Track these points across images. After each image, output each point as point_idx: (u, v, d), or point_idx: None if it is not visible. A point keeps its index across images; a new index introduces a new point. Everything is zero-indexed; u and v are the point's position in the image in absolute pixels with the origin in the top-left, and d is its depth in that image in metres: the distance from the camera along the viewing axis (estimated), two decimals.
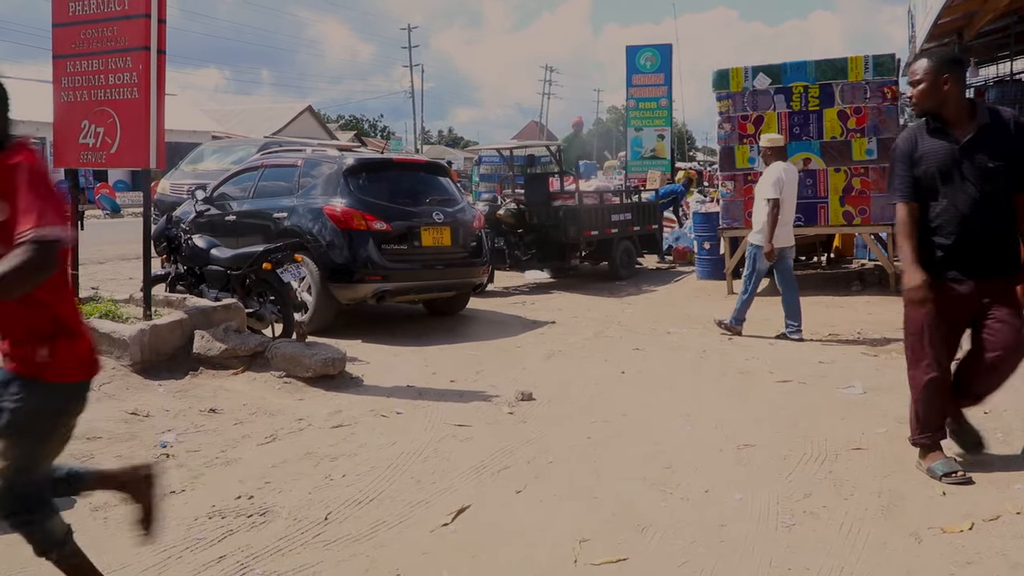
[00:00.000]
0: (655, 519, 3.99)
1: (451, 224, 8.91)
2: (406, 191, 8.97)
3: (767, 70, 11.00)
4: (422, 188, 9.16)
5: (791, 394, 6.22)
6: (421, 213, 8.76)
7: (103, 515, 4.13)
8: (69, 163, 7.43)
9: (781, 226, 8.11)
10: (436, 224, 8.77)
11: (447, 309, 9.78)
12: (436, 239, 8.76)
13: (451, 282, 9.08)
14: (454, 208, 9.11)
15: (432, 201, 8.99)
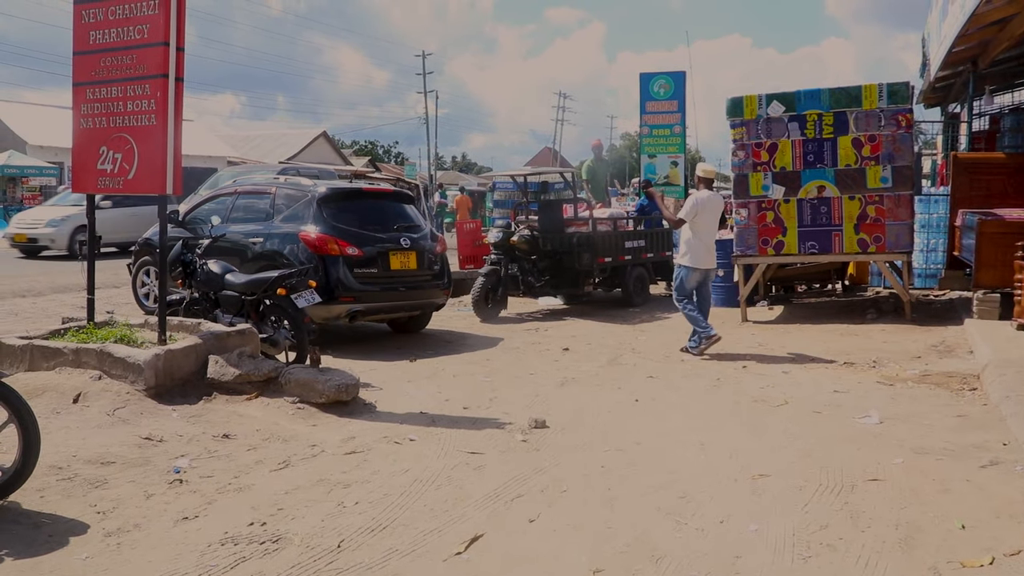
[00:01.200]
0: (670, 550, 3.96)
1: (416, 249, 9.53)
2: (375, 218, 9.56)
3: (781, 98, 11.01)
4: (390, 216, 9.76)
5: (806, 423, 6.17)
6: (389, 239, 9.37)
7: (116, 540, 4.12)
8: (87, 188, 7.50)
9: (707, 251, 8.93)
10: (403, 249, 9.40)
11: (410, 327, 10.39)
12: (403, 263, 9.39)
13: (417, 302, 9.76)
14: (419, 234, 9.73)
15: (399, 228, 9.59)
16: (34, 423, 4.44)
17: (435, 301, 9.97)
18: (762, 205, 11.10)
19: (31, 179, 28.54)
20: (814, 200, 10.89)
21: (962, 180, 11.60)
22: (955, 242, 11.42)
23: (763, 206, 11.10)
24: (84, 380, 6.53)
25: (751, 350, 9.15)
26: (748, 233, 11.20)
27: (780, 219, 11.02)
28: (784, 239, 11.05)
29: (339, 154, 49.07)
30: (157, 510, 4.52)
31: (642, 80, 18.73)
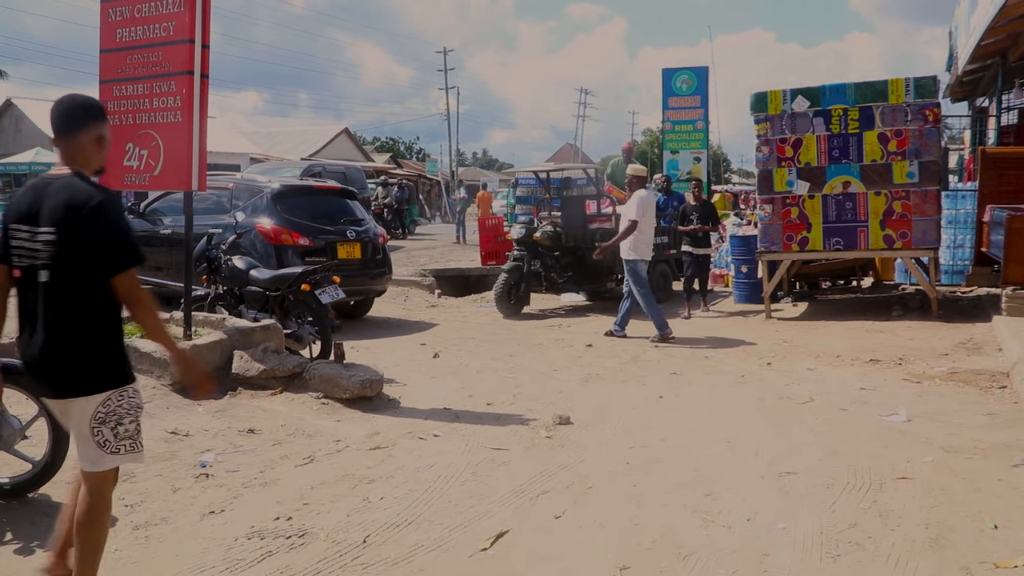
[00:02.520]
0: (697, 547, 3.93)
1: (361, 240, 10.43)
2: (324, 213, 10.47)
3: (806, 92, 10.91)
4: (337, 210, 10.68)
5: (833, 421, 6.12)
6: (336, 231, 10.27)
7: (144, 533, 4.15)
8: (113, 185, 7.53)
9: (644, 243, 9.78)
10: (349, 240, 10.31)
11: (354, 313, 11.07)
12: (349, 253, 10.25)
13: (361, 288, 10.54)
14: (363, 227, 10.66)
15: (345, 221, 10.52)
16: None
17: (376, 287, 10.89)
18: (786, 201, 11.02)
19: None
20: (839, 196, 10.79)
21: (990, 175, 11.44)
22: (983, 238, 11.27)
23: (787, 202, 11.01)
24: None
25: (775, 347, 9.08)
26: (772, 229, 11.12)
27: (805, 215, 10.94)
28: (809, 235, 10.96)
29: (361, 150, 49.20)
30: (184, 504, 4.55)
31: (664, 76, 18.68)
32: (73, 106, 3.26)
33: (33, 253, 3.11)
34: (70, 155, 3.21)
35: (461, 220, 25.21)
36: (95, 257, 3.07)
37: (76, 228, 3.05)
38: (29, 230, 3.11)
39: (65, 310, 3.10)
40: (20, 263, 3.15)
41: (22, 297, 3.18)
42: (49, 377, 3.15)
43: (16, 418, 4.52)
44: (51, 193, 3.11)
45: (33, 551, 3.92)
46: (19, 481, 4.51)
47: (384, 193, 26.29)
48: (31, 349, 3.14)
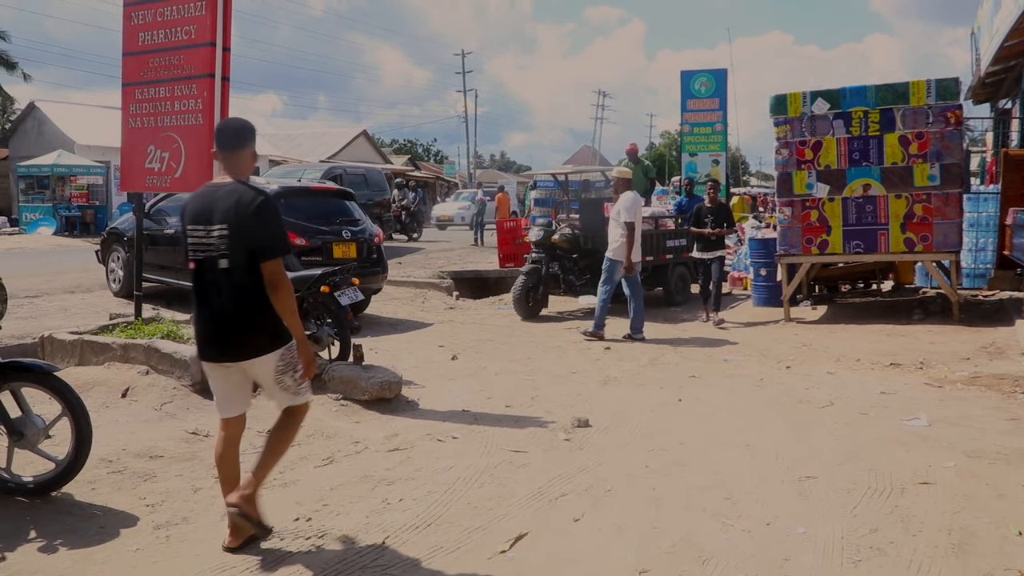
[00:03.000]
0: (716, 551, 3.92)
1: (356, 240, 10.69)
2: (321, 213, 10.75)
3: (826, 95, 10.86)
4: (334, 211, 10.97)
5: (853, 425, 6.08)
6: (332, 231, 10.53)
7: (165, 533, 4.18)
8: (135, 187, 7.62)
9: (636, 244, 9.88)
10: (345, 240, 10.56)
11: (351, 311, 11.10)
12: (344, 252, 10.46)
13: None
14: (359, 227, 10.92)
15: (341, 222, 10.80)
16: (86, 417, 4.52)
17: (372, 286, 10.93)
18: (806, 204, 10.97)
19: (79, 178, 28.97)
20: (859, 199, 10.73)
21: (1013, 177, 11.34)
22: (1005, 241, 11.16)
23: (807, 205, 10.96)
24: (132, 375, 6.64)
25: (794, 350, 9.04)
26: (792, 232, 11.07)
27: (824, 218, 10.88)
28: (828, 238, 10.90)
29: (379, 153, 49.32)
30: (204, 504, 4.58)
31: (683, 78, 18.64)
32: (236, 128, 4.03)
33: (209, 247, 3.83)
34: (232, 166, 3.94)
35: (479, 222, 25.22)
36: (255, 247, 3.78)
37: (242, 223, 3.76)
38: (204, 228, 3.83)
39: (243, 289, 3.82)
40: (196, 256, 3.88)
41: (198, 283, 3.90)
42: (235, 343, 3.88)
43: (40, 417, 4.57)
44: (220, 197, 3.83)
45: (56, 549, 3.96)
46: (43, 480, 4.55)
47: (401, 195, 26.36)
48: (213, 324, 3.89)
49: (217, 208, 3.81)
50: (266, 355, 3.89)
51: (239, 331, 3.86)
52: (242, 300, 3.82)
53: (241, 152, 3.95)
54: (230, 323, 3.84)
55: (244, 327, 3.85)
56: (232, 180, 3.89)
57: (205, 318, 3.91)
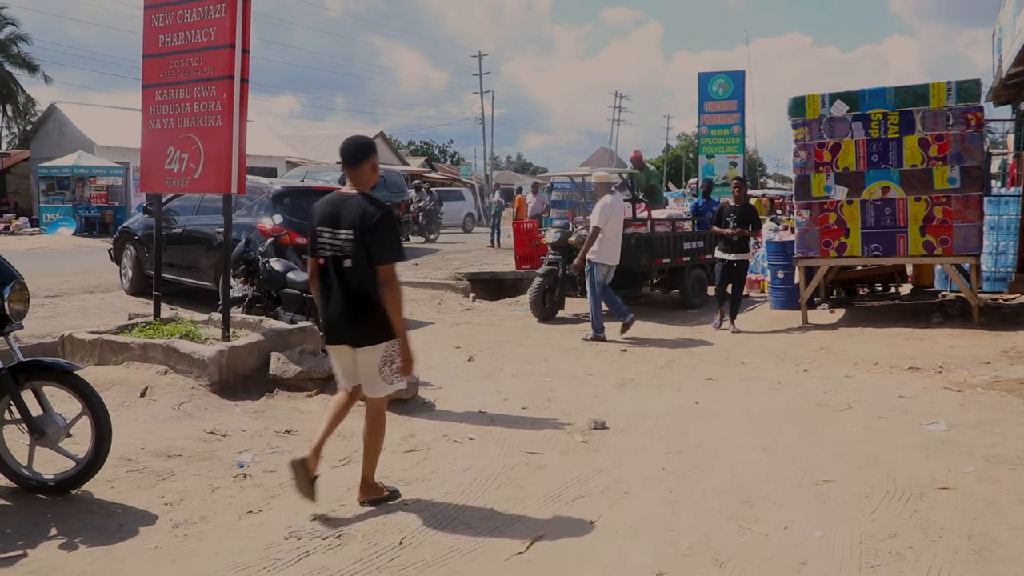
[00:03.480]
0: (734, 554, 3.90)
1: None
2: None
3: (844, 97, 10.81)
4: None
5: (871, 429, 6.04)
6: None
7: (183, 532, 4.20)
8: (155, 188, 7.67)
9: (610, 248, 10.02)
10: None
11: None
12: None
13: None
14: None
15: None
16: (106, 416, 4.55)
17: None
18: (824, 206, 10.92)
19: (98, 179, 29.20)
20: (878, 201, 10.67)
21: None
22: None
23: (825, 207, 10.91)
24: (151, 374, 6.68)
25: (812, 353, 9.00)
26: (809, 235, 11.02)
27: (843, 220, 10.83)
28: (847, 241, 10.85)
29: (396, 154, 49.42)
30: (222, 503, 4.60)
31: (701, 80, 18.62)
32: (356, 145, 4.59)
33: (335, 247, 4.43)
34: (356, 179, 4.56)
35: (496, 224, 25.24)
36: (375, 252, 4.34)
37: (365, 231, 4.34)
38: (331, 231, 4.44)
39: (362, 286, 4.39)
40: (323, 254, 4.49)
41: (324, 279, 4.50)
42: (352, 332, 4.47)
43: (61, 416, 4.61)
44: (348, 206, 4.43)
45: (76, 546, 3.98)
46: (63, 478, 4.59)
47: (418, 197, 26.41)
48: (335, 313, 4.47)
49: (344, 215, 4.42)
50: (374, 346, 4.46)
51: (355, 321, 4.45)
52: (360, 295, 4.41)
53: (362, 166, 4.57)
54: (349, 314, 4.44)
55: (359, 318, 4.44)
56: (357, 192, 4.51)
57: (329, 307, 4.53)
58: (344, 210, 4.45)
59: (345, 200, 4.49)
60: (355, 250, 4.39)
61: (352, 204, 4.44)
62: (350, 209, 4.43)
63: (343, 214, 4.44)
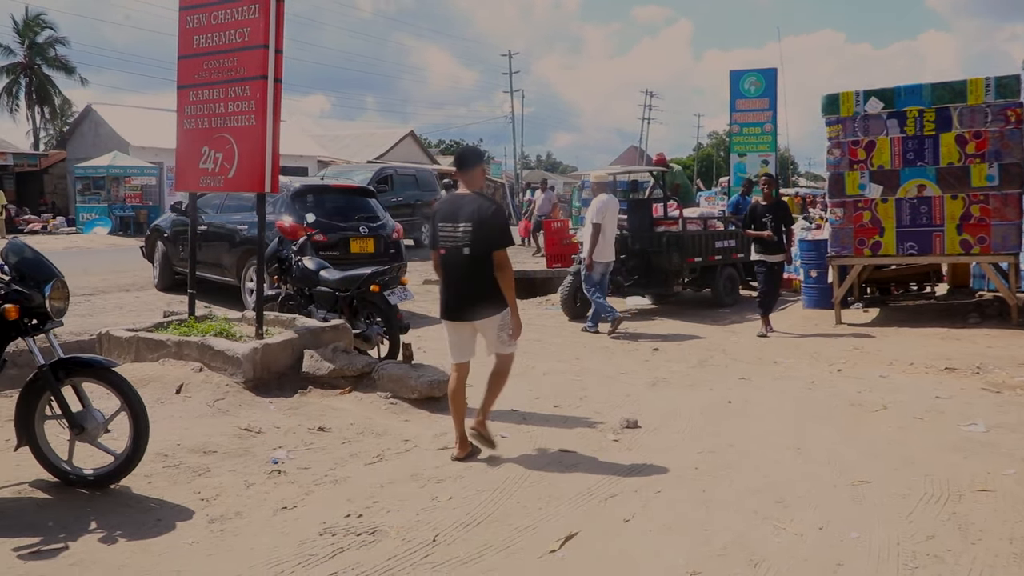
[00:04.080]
0: (768, 554, 3.88)
1: (374, 236, 11.18)
2: (340, 210, 11.27)
3: (879, 94, 10.67)
4: (353, 208, 11.47)
5: (907, 429, 5.97)
6: (350, 227, 11.01)
7: (219, 527, 4.24)
8: (189, 187, 7.75)
9: (605, 245, 10.30)
10: (362, 236, 11.04)
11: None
12: (362, 247, 10.95)
13: None
14: (377, 224, 11.42)
15: (360, 218, 11.27)
16: (144, 412, 4.61)
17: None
18: (858, 205, 10.80)
19: (133, 178, 29.58)
20: (913, 199, 10.53)
21: None
22: None
23: (859, 206, 10.79)
24: (186, 372, 6.75)
25: (846, 353, 8.91)
26: (843, 233, 10.91)
27: (877, 219, 10.70)
28: (881, 239, 10.72)
29: (426, 153, 49.57)
30: (257, 499, 4.64)
31: (732, 78, 18.49)
32: (469, 153, 5.75)
33: (455, 239, 5.25)
34: (468, 180, 5.45)
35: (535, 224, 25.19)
36: (490, 240, 5.19)
37: (482, 222, 5.18)
38: (452, 225, 5.27)
39: (480, 270, 5.23)
40: (445, 245, 5.31)
41: (447, 267, 5.35)
42: (472, 309, 5.31)
43: (100, 412, 4.67)
44: (465, 204, 5.29)
45: (116, 540, 4.04)
46: (102, 472, 4.65)
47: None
48: (456, 294, 5.34)
49: (462, 211, 5.25)
50: (491, 317, 5.31)
51: (474, 300, 5.28)
52: (477, 278, 5.25)
53: (474, 170, 5.47)
54: (468, 294, 5.29)
55: (478, 297, 5.28)
56: (471, 192, 5.37)
57: (450, 289, 5.38)
58: (462, 207, 5.27)
59: (462, 199, 5.34)
60: (472, 240, 5.20)
61: (468, 201, 5.29)
62: (467, 206, 5.26)
63: (461, 210, 5.26)
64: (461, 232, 5.23)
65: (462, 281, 5.29)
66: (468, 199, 5.32)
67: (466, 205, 5.27)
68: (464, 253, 5.23)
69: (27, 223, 29.37)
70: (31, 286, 4.54)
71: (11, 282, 4.56)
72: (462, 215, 5.24)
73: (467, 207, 5.26)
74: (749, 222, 10.65)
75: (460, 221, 5.24)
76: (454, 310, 5.38)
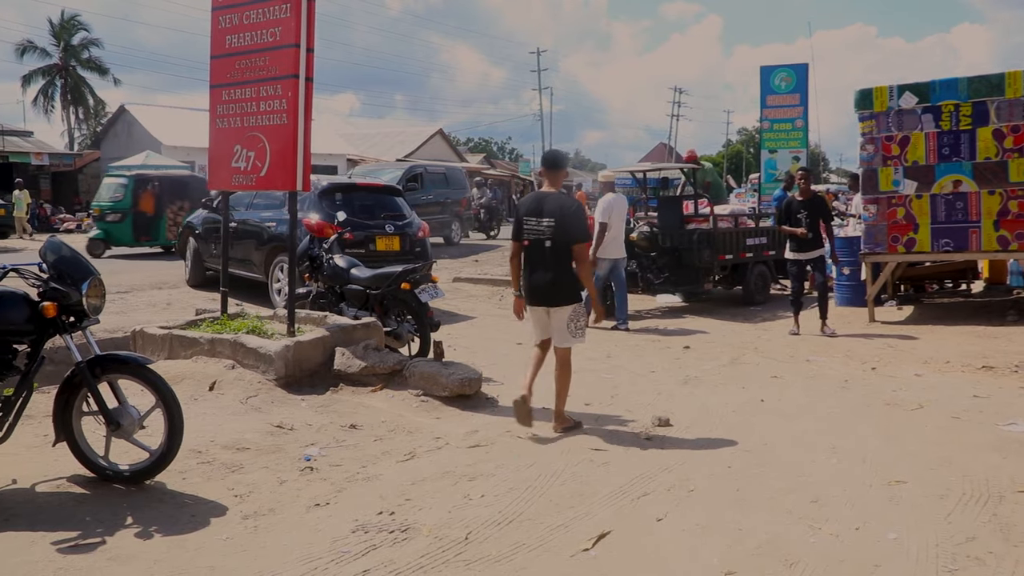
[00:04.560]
0: (803, 555, 3.83)
1: (400, 234, 11.20)
2: (366, 208, 11.31)
3: (914, 88, 10.53)
4: (379, 206, 11.53)
5: (944, 429, 5.89)
6: (376, 225, 11.05)
7: (253, 523, 4.27)
8: (222, 185, 7.81)
9: (612, 241, 10.45)
10: (388, 234, 11.08)
11: None
12: (388, 245, 10.98)
13: None
14: (403, 222, 11.46)
15: (386, 216, 11.33)
16: (179, 409, 4.65)
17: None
18: (892, 201, 10.66)
19: None
20: (949, 195, 10.38)
21: None
22: None
23: (893, 202, 10.65)
24: (219, 369, 6.81)
25: (880, 351, 8.80)
26: (877, 230, 10.77)
27: (911, 215, 10.56)
28: (916, 236, 10.58)
29: (454, 151, 49.68)
30: (290, 496, 4.66)
31: (763, 73, 18.33)
32: (560, 156, 6.48)
33: (539, 232, 5.84)
34: (552, 180, 6.07)
35: None
36: (570, 234, 5.79)
37: (564, 218, 5.78)
38: (536, 219, 5.86)
39: (560, 261, 5.82)
40: (529, 237, 5.90)
41: (529, 257, 5.94)
42: (552, 296, 5.87)
43: (135, 408, 4.72)
44: (548, 201, 5.88)
45: (152, 535, 4.07)
46: (138, 468, 4.70)
47: (480, 194, 26.49)
48: (540, 283, 5.88)
49: (546, 207, 5.85)
50: (564, 307, 5.87)
51: (552, 288, 5.84)
52: (557, 268, 5.82)
53: (559, 171, 6.15)
54: (547, 282, 5.84)
55: (555, 286, 5.83)
56: (554, 190, 5.99)
57: (532, 278, 5.94)
58: (546, 204, 5.88)
59: (546, 196, 5.94)
60: (554, 234, 5.78)
61: (552, 199, 5.90)
62: (551, 203, 5.87)
63: (545, 206, 5.86)
64: (544, 226, 5.81)
65: (543, 271, 5.85)
66: (552, 196, 5.91)
67: (550, 202, 5.87)
68: (546, 245, 5.81)
69: (62, 222, 29.81)
70: (68, 284, 4.60)
71: (49, 280, 4.62)
72: (546, 211, 5.83)
73: (551, 203, 5.85)
74: (784, 218, 10.35)
75: (544, 216, 5.83)
76: (534, 296, 5.96)
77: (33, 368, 4.62)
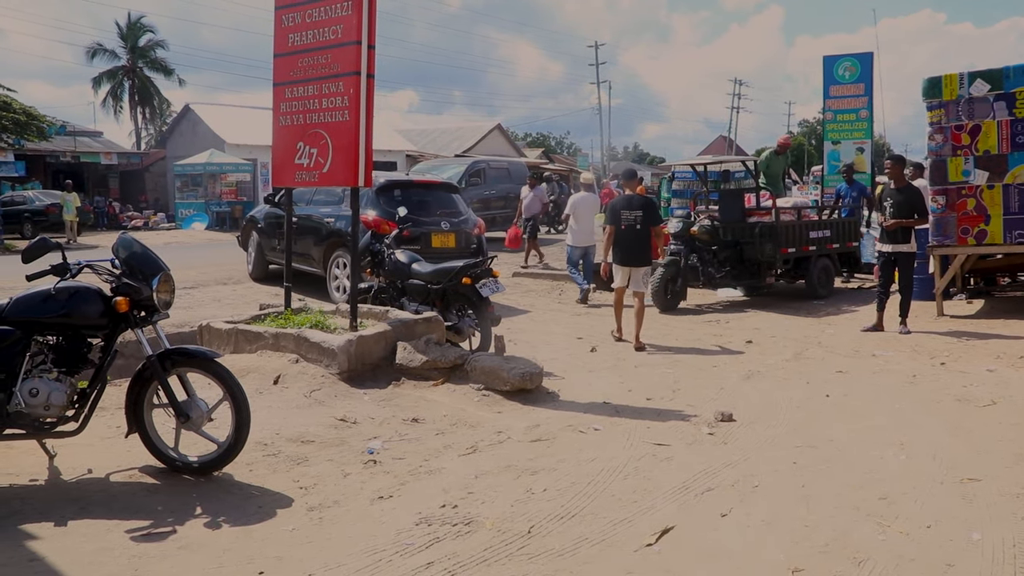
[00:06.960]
0: (873, 552, 3.76)
1: (455, 231, 11.32)
2: (423, 205, 11.48)
3: (986, 75, 10.21)
4: (435, 203, 11.71)
5: (1019, 426, 5.72)
6: (431, 222, 11.20)
7: (318, 515, 4.33)
8: (286, 182, 7.92)
9: (584, 234, 12.42)
10: (443, 231, 11.20)
11: None
12: (443, 242, 11.10)
13: None
14: (459, 219, 11.57)
15: (442, 213, 11.48)
16: (245, 402, 4.74)
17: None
18: (962, 192, 10.36)
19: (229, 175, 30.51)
20: (1023, 185, 10.05)
21: None
22: None
23: (963, 193, 10.35)
24: (283, 363, 6.91)
25: (949, 346, 8.58)
26: (946, 222, 10.48)
27: (983, 206, 10.25)
28: (987, 228, 10.27)
29: (513, 146, 49.68)
30: (354, 488, 4.72)
31: (826, 63, 17.95)
32: (634, 171, 10.39)
33: (632, 220, 9.02)
34: (631, 187, 9.53)
35: None
36: (652, 220, 9.16)
37: (647, 210, 9.11)
38: (628, 211, 9.05)
39: (645, 239, 9.09)
40: (624, 223, 9.04)
41: (620, 238, 9.08)
42: (636, 259, 9.04)
43: (203, 401, 4.82)
44: (635, 200, 9.18)
45: (220, 525, 4.16)
46: (206, 460, 4.80)
47: (549, 189, 26.37)
48: (628, 251, 9.05)
49: (633, 204, 9.11)
50: (640, 267, 9.10)
51: (636, 255, 9.05)
52: (642, 242, 9.04)
53: (633, 180, 9.75)
54: (635, 251, 9.04)
55: (639, 254, 9.06)
56: (635, 193, 9.34)
57: (623, 249, 9.05)
58: (633, 201, 9.14)
59: (632, 197, 9.23)
60: (641, 221, 8.99)
61: (636, 198, 9.22)
62: (636, 201, 9.17)
63: (633, 203, 9.10)
64: (634, 216, 8.99)
65: (632, 244, 8.99)
66: (636, 197, 9.25)
67: (636, 200, 9.17)
68: (636, 228, 8.98)
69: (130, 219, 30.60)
70: (140, 280, 4.72)
71: (121, 276, 4.74)
72: (634, 206, 9.07)
73: (636, 201, 9.15)
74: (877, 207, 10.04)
75: (634, 209, 9.02)
76: (626, 259, 9.03)
77: (107, 362, 4.75)
